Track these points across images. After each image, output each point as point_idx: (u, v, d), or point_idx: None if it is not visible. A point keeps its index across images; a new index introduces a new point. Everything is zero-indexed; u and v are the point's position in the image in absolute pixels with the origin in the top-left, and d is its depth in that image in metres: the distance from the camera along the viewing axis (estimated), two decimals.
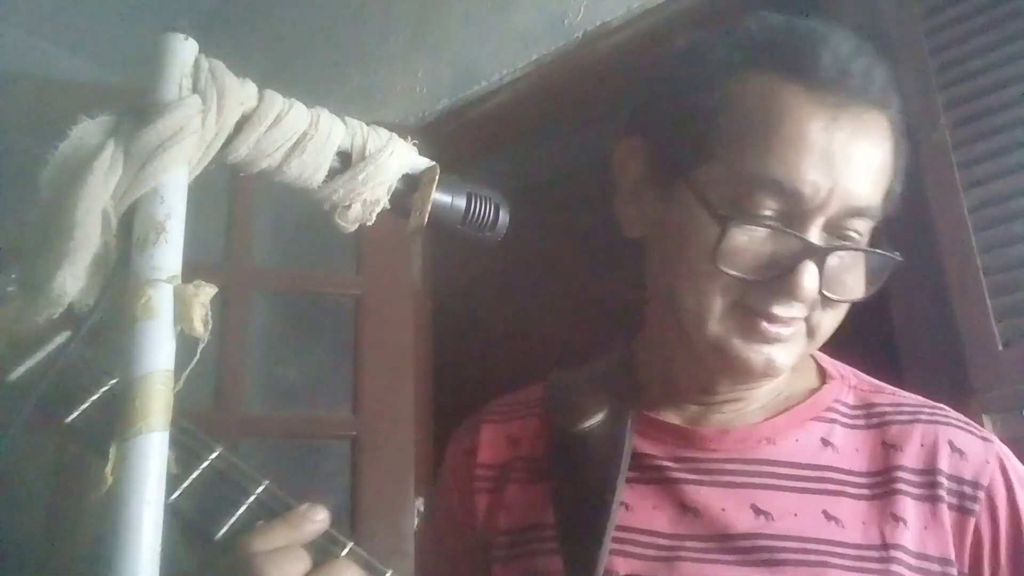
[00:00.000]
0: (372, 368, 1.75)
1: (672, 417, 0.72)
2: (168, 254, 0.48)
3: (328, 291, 1.91)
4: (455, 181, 0.61)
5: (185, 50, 0.51)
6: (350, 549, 0.56)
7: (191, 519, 0.55)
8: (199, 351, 0.49)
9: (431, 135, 1.90)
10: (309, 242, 2.00)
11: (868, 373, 0.78)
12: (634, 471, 0.69)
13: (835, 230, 0.64)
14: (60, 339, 0.54)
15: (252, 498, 0.56)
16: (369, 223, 0.58)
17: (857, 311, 0.69)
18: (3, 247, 0.51)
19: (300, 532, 0.55)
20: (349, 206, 0.56)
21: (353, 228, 0.57)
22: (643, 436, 0.71)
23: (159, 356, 0.46)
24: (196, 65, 0.51)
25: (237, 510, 0.55)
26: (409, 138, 0.59)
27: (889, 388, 0.75)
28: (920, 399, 0.73)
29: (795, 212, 0.62)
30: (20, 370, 0.54)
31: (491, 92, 1.86)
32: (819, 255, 0.62)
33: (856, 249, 0.65)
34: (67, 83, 1.84)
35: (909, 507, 0.65)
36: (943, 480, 0.66)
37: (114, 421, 0.45)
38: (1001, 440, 0.67)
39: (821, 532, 0.64)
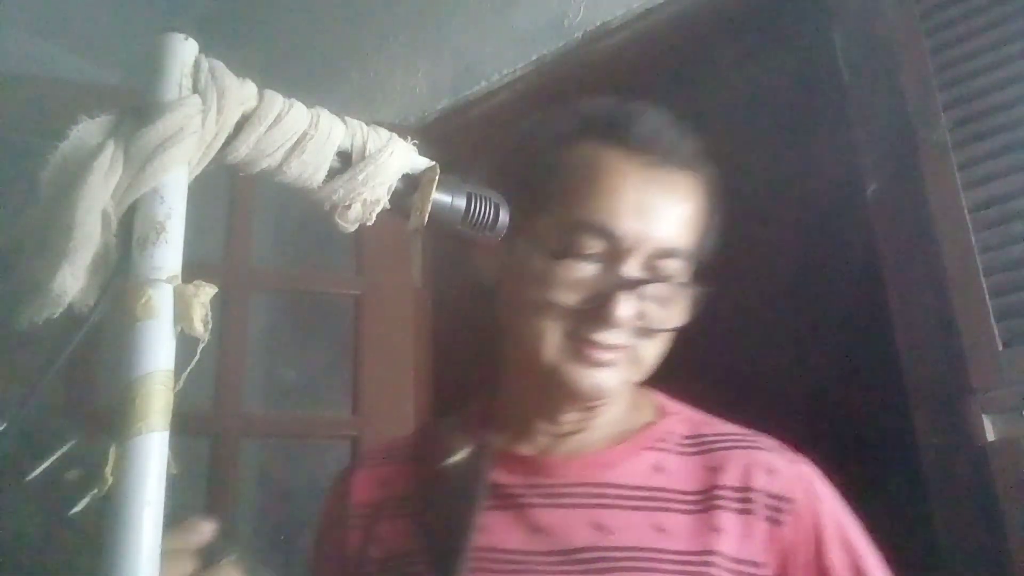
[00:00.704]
0: (372, 368, 1.75)
1: (525, 450, 0.83)
2: (168, 254, 0.48)
3: (328, 291, 1.91)
4: (455, 181, 0.61)
5: (185, 50, 0.51)
6: (235, 557, 0.63)
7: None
8: (199, 351, 0.49)
9: (431, 135, 1.90)
10: (309, 242, 2.00)
11: (868, 373, 0.79)
12: (493, 499, 0.80)
13: (650, 269, 0.76)
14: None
15: None
16: (369, 223, 0.58)
17: (857, 311, 0.70)
18: (3, 247, 0.51)
19: (187, 539, 0.63)
20: (349, 206, 0.56)
21: (353, 228, 0.57)
22: (501, 468, 0.82)
23: (159, 356, 0.46)
24: (196, 65, 0.51)
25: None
26: (409, 138, 0.59)
27: (719, 421, 0.86)
28: (742, 429, 0.85)
29: (614, 252, 0.75)
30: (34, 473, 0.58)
31: (491, 92, 1.86)
32: (631, 287, 0.74)
33: (663, 282, 0.76)
34: (67, 83, 1.84)
35: (728, 519, 0.77)
36: (756, 496, 0.77)
37: (114, 421, 0.45)
38: (1001, 440, 0.68)
39: (651, 542, 0.76)
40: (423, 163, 0.59)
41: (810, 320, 2.11)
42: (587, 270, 0.75)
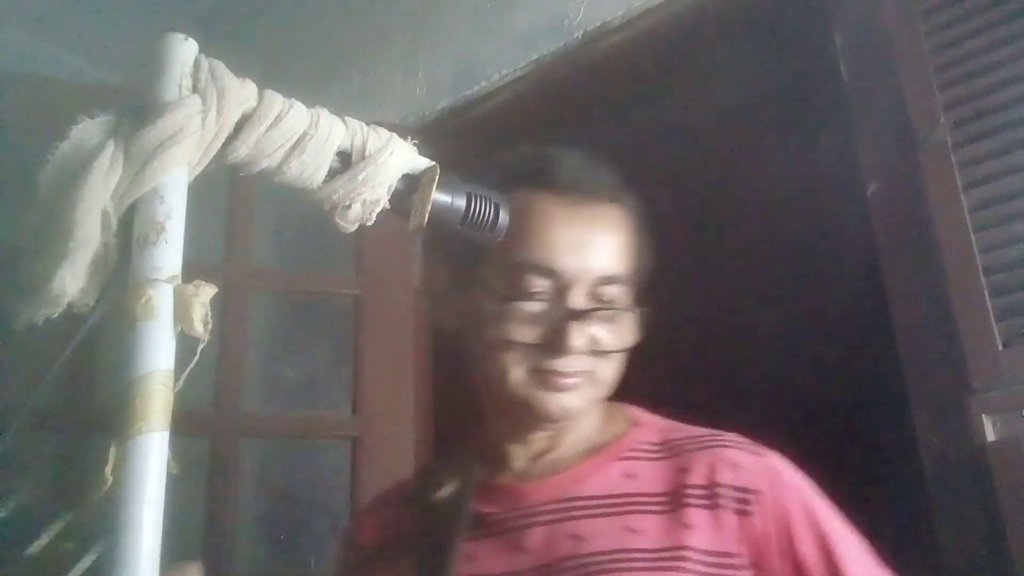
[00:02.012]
0: (372, 368, 1.75)
1: (504, 478, 0.88)
2: (168, 254, 0.48)
3: (328, 291, 1.90)
4: (455, 181, 0.61)
5: (185, 50, 0.51)
6: None
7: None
8: (199, 351, 0.49)
9: (431, 135, 1.89)
10: (309, 242, 2.00)
11: (869, 373, 0.79)
12: (479, 529, 0.85)
13: (594, 297, 0.82)
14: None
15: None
16: (369, 223, 0.58)
17: (857, 311, 0.70)
18: (3, 247, 0.51)
19: None
20: (349, 206, 0.56)
21: (353, 228, 0.57)
22: (484, 499, 0.86)
23: (159, 356, 0.46)
24: (196, 65, 0.51)
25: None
26: (409, 138, 0.59)
27: (690, 427, 0.89)
28: (709, 431, 0.88)
29: (557, 287, 0.81)
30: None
31: (491, 92, 1.86)
32: (578, 316, 0.80)
33: (607, 309, 0.82)
34: (67, 83, 1.84)
35: (697, 515, 0.80)
36: (722, 491, 0.81)
37: (114, 421, 0.45)
38: (1001, 440, 0.68)
39: (624, 543, 0.80)
40: (423, 163, 0.59)
41: (810, 320, 2.11)
42: (536, 307, 0.81)
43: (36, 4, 2.28)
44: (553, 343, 0.80)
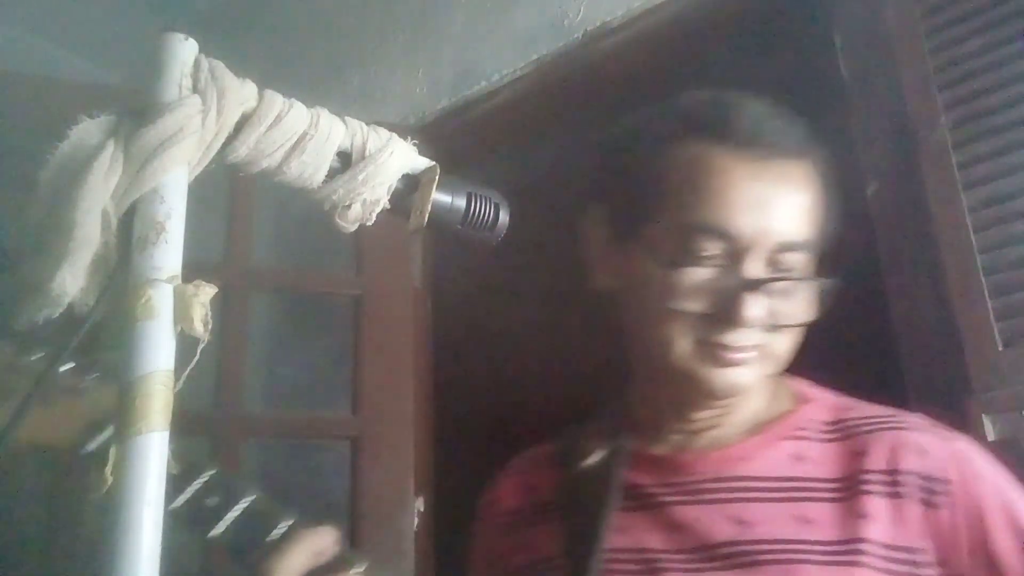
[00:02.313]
0: (372, 368, 1.75)
1: (659, 449, 0.82)
2: (168, 254, 0.48)
3: (328, 291, 1.90)
4: (455, 181, 0.61)
5: (185, 50, 0.51)
6: (365, 568, 0.67)
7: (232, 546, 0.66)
8: (199, 351, 0.49)
9: (431, 135, 1.89)
10: (309, 242, 2.00)
11: (869, 374, 0.80)
12: (629, 500, 0.79)
13: (772, 264, 0.74)
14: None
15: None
16: (369, 223, 0.58)
17: (857, 311, 0.71)
18: (3, 247, 0.51)
19: (322, 547, 0.68)
20: (349, 206, 0.56)
21: (353, 228, 0.57)
22: (636, 469, 0.81)
23: (159, 356, 0.46)
24: (196, 65, 0.51)
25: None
26: (409, 138, 0.59)
27: (865, 404, 0.83)
28: (889, 410, 0.81)
29: (732, 252, 0.73)
30: (93, 444, 0.64)
31: (491, 92, 1.86)
32: (755, 287, 0.72)
33: (787, 279, 0.74)
34: (67, 83, 1.84)
35: (876, 505, 0.73)
36: (906, 479, 0.73)
37: (114, 421, 0.45)
38: (1001, 440, 0.69)
39: (794, 534, 0.73)
40: (423, 163, 0.59)
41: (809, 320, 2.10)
42: (708, 274, 0.73)
43: (36, 4, 2.28)
44: (726, 314, 0.72)
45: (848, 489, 0.74)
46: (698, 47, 1.72)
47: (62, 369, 0.62)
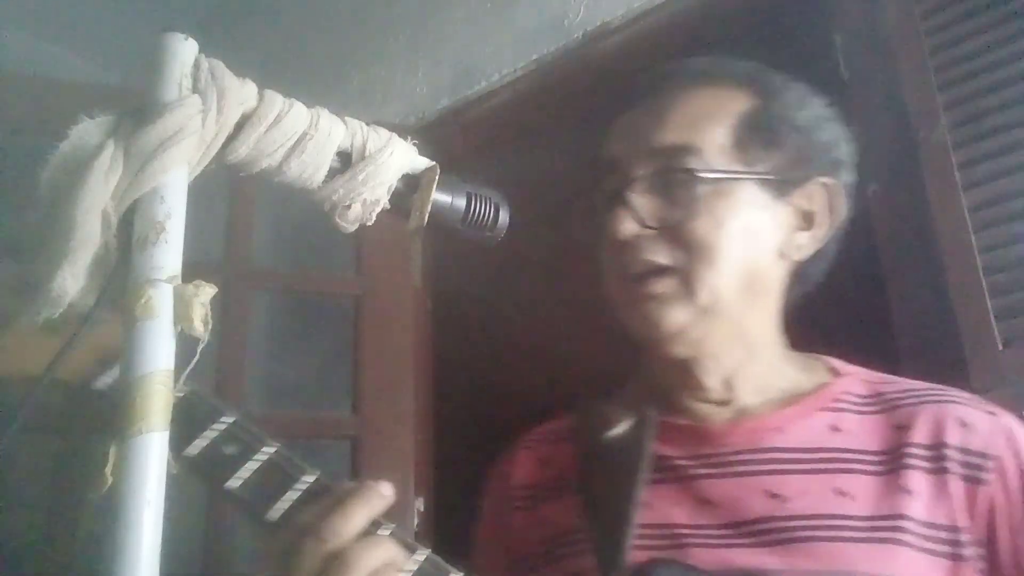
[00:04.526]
0: (372, 368, 1.75)
1: (686, 419, 0.79)
2: (168, 254, 0.48)
3: (328, 291, 1.91)
4: (455, 181, 0.61)
5: (185, 50, 0.51)
6: (394, 528, 0.64)
7: (247, 501, 0.63)
8: (199, 351, 0.49)
9: (431, 135, 1.89)
10: (309, 242, 2.00)
11: None
12: (656, 472, 0.74)
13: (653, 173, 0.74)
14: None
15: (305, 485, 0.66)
16: (369, 223, 0.58)
17: (858, 311, 0.70)
18: (3, 247, 0.51)
19: (374, 509, 0.63)
20: (349, 206, 0.56)
21: (353, 228, 0.57)
22: (663, 440, 0.76)
23: (159, 356, 0.46)
24: (196, 65, 0.51)
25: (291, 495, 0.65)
26: (409, 138, 0.59)
27: (902, 379, 0.80)
28: (930, 384, 0.78)
29: (608, 176, 0.75)
30: (105, 379, 0.63)
31: (491, 92, 1.86)
32: (614, 197, 0.72)
33: (655, 178, 0.73)
34: (67, 83, 1.84)
35: (918, 480, 0.69)
36: (950, 453, 0.70)
37: (115, 421, 0.45)
38: None
39: (832, 508, 0.69)
40: (423, 163, 0.59)
41: (809, 320, 2.11)
42: (597, 207, 0.74)
43: (37, 4, 2.28)
44: (608, 240, 0.71)
45: (890, 463, 0.71)
46: (698, 47, 1.71)
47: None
